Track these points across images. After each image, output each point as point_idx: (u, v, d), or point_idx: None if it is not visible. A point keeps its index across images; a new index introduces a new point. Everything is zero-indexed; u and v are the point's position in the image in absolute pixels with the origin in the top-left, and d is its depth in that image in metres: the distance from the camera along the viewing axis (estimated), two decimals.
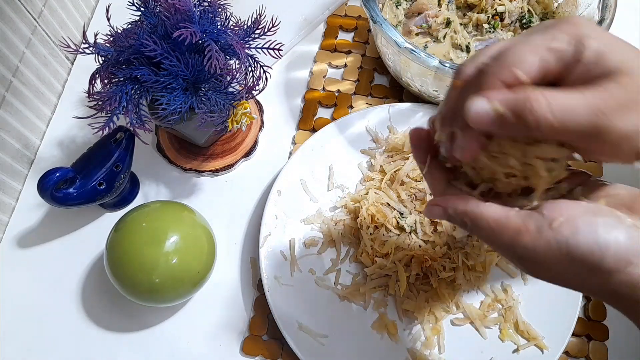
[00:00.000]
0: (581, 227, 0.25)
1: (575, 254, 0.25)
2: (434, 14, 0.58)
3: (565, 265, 0.25)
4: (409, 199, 0.52)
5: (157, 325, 0.51)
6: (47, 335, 0.50)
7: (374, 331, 0.48)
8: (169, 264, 0.44)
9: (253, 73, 0.46)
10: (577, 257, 0.25)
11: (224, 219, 0.54)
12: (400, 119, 0.56)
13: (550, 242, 0.25)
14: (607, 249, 0.24)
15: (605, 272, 0.25)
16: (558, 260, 0.25)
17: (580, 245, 0.25)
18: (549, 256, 0.26)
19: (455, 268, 0.49)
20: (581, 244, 0.25)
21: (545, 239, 0.25)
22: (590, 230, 0.25)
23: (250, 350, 0.49)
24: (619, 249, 0.24)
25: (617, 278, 0.25)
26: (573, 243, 0.25)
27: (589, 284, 0.26)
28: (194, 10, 0.43)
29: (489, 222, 0.27)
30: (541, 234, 0.26)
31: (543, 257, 0.26)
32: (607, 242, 0.24)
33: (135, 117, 0.44)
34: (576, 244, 0.25)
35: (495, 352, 0.47)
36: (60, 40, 0.59)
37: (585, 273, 0.25)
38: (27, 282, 0.52)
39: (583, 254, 0.25)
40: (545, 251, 0.25)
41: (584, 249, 0.25)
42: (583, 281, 0.26)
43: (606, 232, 0.24)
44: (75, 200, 0.48)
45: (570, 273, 0.26)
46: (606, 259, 0.24)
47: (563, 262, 0.25)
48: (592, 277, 0.25)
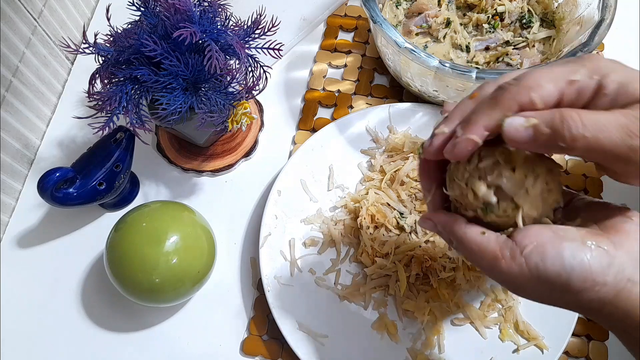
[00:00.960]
0: (548, 253, 0.27)
1: (545, 277, 0.27)
2: (434, 14, 0.58)
3: (538, 287, 0.28)
4: (409, 199, 0.52)
5: (157, 325, 0.51)
6: (47, 335, 0.50)
7: (374, 331, 0.48)
8: (169, 264, 0.44)
9: (253, 73, 0.46)
10: (547, 280, 0.27)
11: (224, 219, 0.54)
12: (400, 119, 0.56)
13: (523, 267, 0.27)
14: (573, 272, 0.26)
15: (573, 291, 0.27)
16: (532, 283, 0.28)
17: (548, 269, 0.27)
18: (523, 280, 0.28)
19: (455, 268, 0.49)
20: (549, 268, 0.27)
21: (518, 265, 0.28)
22: (557, 255, 0.27)
23: (250, 350, 0.49)
24: (583, 271, 0.26)
25: (586, 296, 0.27)
26: (542, 268, 0.27)
27: (562, 302, 0.28)
28: (194, 10, 0.43)
29: (471, 245, 0.30)
30: (514, 260, 0.28)
31: (518, 281, 0.28)
32: (572, 265, 0.26)
33: (135, 117, 0.44)
34: (544, 269, 0.27)
35: (495, 352, 0.47)
36: (60, 40, 0.59)
37: (556, 293, 0.27)
38: (27, 282, 0.52)
39: (551, 278, 0.27)
40: (519, 276, 0.28)
41: (552, 273, 0.27)
42: (557, 300, 0.28)
43: (571, 257, 0.26)
44: (75, 200, 0.48)
45: (544, 293, 0.28)
46: (572, 280, 0.26)
47: (536, 285, 0.28)
48: (564, 296, 0.27)
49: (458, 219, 0.31)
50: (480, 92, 0.30)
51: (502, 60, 0.57)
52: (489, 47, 0.57)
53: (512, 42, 0.57)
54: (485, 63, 0.57)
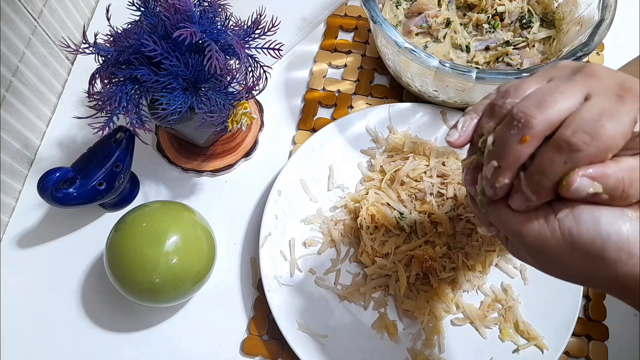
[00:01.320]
0: (584, 218, 0.26)
1: (579, 242, 0.26)
2: (434, 14, 0.58)
3: (569, 255, 0.26)
4: (409, 199, 0.52)
5: (157, 325, 0.51)
6: (47, 335, 0.50)
7: (374, 331, 0.48)
8: (169, 264, 0.44)
9: (253, 73, 0.46)
10: (580, 247, 0.26)
11: (224, 219, 0.54)
12: (400, 119, 0.56)
13: (555, 231, 0.26)
14: (609, 240, 0.25)
15: (608, 262, 0.25)
16: (563, 250, 0.26)
17: (582, 235, 0.26)
18: (554, 245, 0.27)
19: (455, 268, 0.49)
20: (583, 233, 0.26)
21: (551, 228, 0.26)
22: (593, 221, 0.25)
23: (250, 350, 0.49)
24: (620, 240, 0.25)
25: (619, 269, 0.25)
26: (575, 232, 0.26)
27: (592, 275, 0.27)
28: (194, 10, 0.43)
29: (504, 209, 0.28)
30: (547, 223, 0.27)
31: (549, 247, 0.27)
32: (608, 233, 0.25)
33: (135, 117, 0.44)
34: (578, 234, 0.26)
35: (495, 352, 0.47)
36: (60, 40, 0.59)
37: (588, 263, 0.26)
38: (27, 282, 0.52)
39: (586, 243, 0.26)
40: (550, 240, 0.27)
41: (586, 238, 0.25)
42: (587, 272, 0.27)
43: (608, 224, 0.25)
44: (75, 200, 0.48)
45: (574, 263, 0.27)
46: (607, 249, 0.25)
47: (567, 252, 0.26)
48: (594, 268, 0.26)
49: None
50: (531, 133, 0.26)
51: (502, 60, 0.57)
52: (489, 47, 0.57)
53: (512, 42, 0.57)
54: (485, 63, 0.57)
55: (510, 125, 0.27)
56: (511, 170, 0.27)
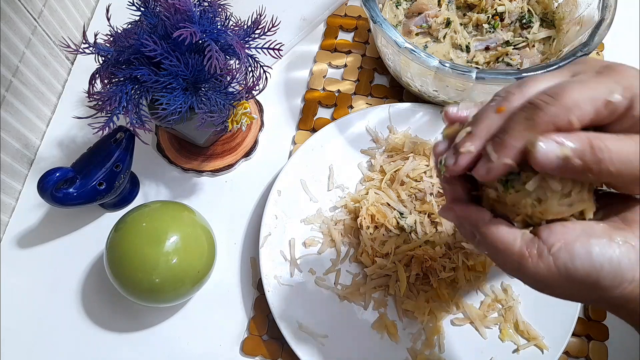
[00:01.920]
0: (577, 251, 0.26)
1: (574, 277, 0.27)
2: (434, 14, 0.58)
3: (566, 285, 0.27)
4: (409, 199, 0.52)
5: (157, 325, 0.51)
6: (47, 335, 0.50)
7: (374, 331, 0.48)
8: (169, 264, 0.44)
9: (253, 73, 0.46)
10: (576, 279, 0.27)
11: (224, 219, 0.54)
12: (400, 119, 0.56)
13: (551, 266, 0.27)
14: (602, 270, 0.26)
15: (603, 289, 0.27)
16: (559, 282, 0.27)
17: (577, 269, 0.26)
18: (551, 279, 0.27)
19: (455, 268, 0.49)
20: (578, 267, 0.26)
21: (546, 264, 0.27)
22: (586, 252, 0.26)
23: (250, 350, 0.49)
24: (612, 268, 0.26)
25: (613, 294, 0.27)
26: (571, 267, 0.27)
27: (590, 299, 0.28)
28: (194, 10, 0.43)
29: (497, 243, 0.29)
30: (542, 259, 0.27)
31: (545, 280, 0.28)
32: (601, 264, 0.26)
33: (135, 117, 0.44)
34: (574, 268, 0.26)
35: (495, 352, 0.47)
36: (60, 40, 0.59)
37: (585, 291, 0.27)
38: (27, 282, 0.52)
39: (581, 277, 0.27)
40: (547, 274, 0.27)
41: (581, 272, 0.26)
42: (584, 297, 0.28)
43: (600, 254, 0.26)
44: (75, 200, 0.48)
45: (571, 292, 0.28)
46: (602, 279, 0.26)
47: (564, 283, 0.27)
48: (592, 294, 0.27)
49: (482, 211, 0.30)
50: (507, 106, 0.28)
51: (502, 60, 0.57)
52: (489, 47, 0.57)
53: (512, 42, 0.57)
54: (485, 63, 0.57)
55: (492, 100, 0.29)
56: (480, 139, 0.28)
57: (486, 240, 0.29)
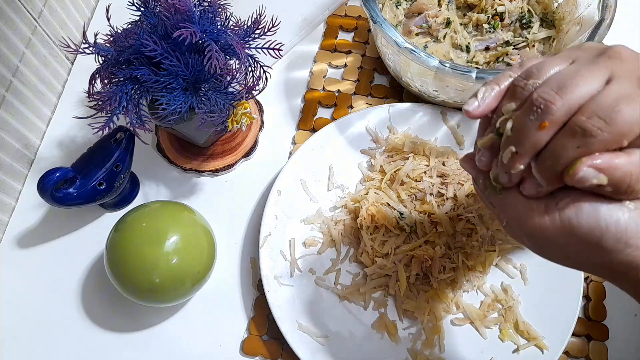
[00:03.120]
0: (584, 208, 0.26)
1: (578, 232, 0.26)
2: (434, 14, 0.58)
3: (568, 243, 0.27)
4: (409, 199, 0.52)
5: (157, 325, 0.51)
6: (47, 335, 0.50)
7: (374, 331, 0.48)
8: (169, 264, 0.44)
9: (253, 73, 0.46)
10: (579, 235, 0.26)
11: (224, 219, 0.54)
12: (400, 119, 0.56)
13: (556, 219, 0.27)
14: (607, 230, 0.26)
15: (605, 251, 0.26)
16: (562, 238, 0.27)
17: (582, 224, 0.26)
18: (554, 233, 0.27)
19: (455, 268, 0.49)
20: (583, 223, 0.26)
21: (551, 217, 0.27)
22: (593, 211, 0.26)
23: (250, 350, 0.49)
24: (618, 231, 0.26)
25: (616, 258, 0.26)
26: (575, 222, 0.26)
27: (590, 262, 0.28)
28: (194, 10, 0.43)
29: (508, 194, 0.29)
30: (548, 212, 0.27)
31: (549, 234, 0.27)
32: (607, 223, 0.26)
33: (135, 117, 0.44)
34: (578, 223, 0.26)
35: (495, 352, 0.47)
36: (60, 40, 0.59)
37: (586, 251, 0.27)
38: (27, 282, 0.52)
39: (584, 233, 0.26)
40: (551, 228, 0.27)
41: (585, 228, 0.26)
42: (585, 258, 0.28)
43: (607, 214, 0.26)
44: (75, 200, 0.48)
45: (573, 250, 0.27)
46: (605, 239, 0.26)
47: (566, 240, 0.27)
48: (592, 255, 0.27)
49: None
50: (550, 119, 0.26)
51: (502, 60, 0.57)
52: (489, 47, 0.57)
53: (512, 42, 0.57)
54: (485, 63, 0.57)
55: (529, 110, 0.27)
56: (528, 156, 0.27)
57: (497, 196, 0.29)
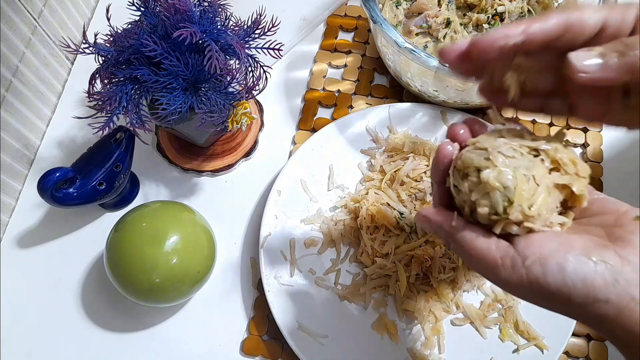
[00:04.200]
0: (550, 267, 0.26)
1: (546, 290, 0.26)
2: (434, 14, 0.58)
3: (538, 298, 0.28)
4: (409, 199, 0.52)
5: (157, 325, 0.51)
6: (47, 335, 0.50)
7: (374, 331, 0.48)
8: (169, 264, 0.44)
9: (253, 73, 0.46)
10: (547, 293, 0.27)
11: (224, 219, 0.54)
12: (400, 119, 0.56)
13: (523, 278, 0.27)
14: (575, 288, 0.26)
15: (575, 306, 0.26)
16: (531, 294, 0.27)
17: (549, 283, 0.26)
18: (523, 289, 0.27)
19: (455, 268, 0.49)
20: (550, 283, 0.26)
21: (518, 275, 0.27)
22: (559, 270, 0.26)
23: (250, 350, 0.49)
24: (585, 287, 0.26)
25: (586, 311, 0.26)
26: (543, 282, 0.26)
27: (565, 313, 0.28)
28: (194, 10, 0.43)
29: (471, 251, 0.29)
30: (515, 270, 0.27)
31: (517, 289, 0.28)
32: (573, 282, 0.26)
33: (135, 117, 0.44)
34: (545, 283, 0.26)
35: (495, 352, 0.47)
36: (60, 40, 0.59)
37: (556, 305, 0.27)
38: (27, 282, 0.52)
39: (552, 291, 0.26)
40: (519, 285, 0.27)
41: (553, 287, 0.26)
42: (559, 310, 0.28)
43: (574, 272, 0.26)
44: (75, 200, 0.48)
45: (543, 303, 0.28)
46: (573, 296, 0.26)
47: (536, 295, 0.27)
48: (564, 308, 0.27)
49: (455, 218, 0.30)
50: None
51: None
52: None
53: None
54: None
55: None
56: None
57: (461, 248, 0.29)
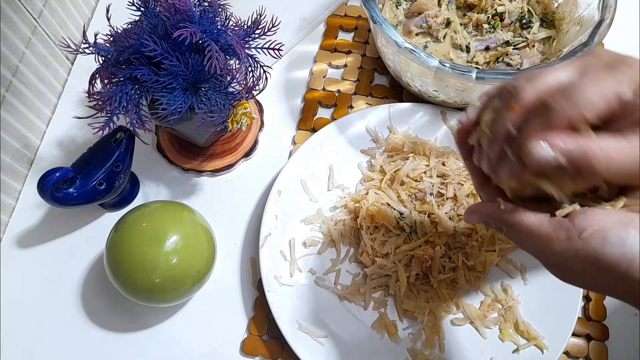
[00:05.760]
0: (610, 239, 0.25)
1: (603, 264, 0.26)
2: (434, 14, 0.58)
3: (593, 273, 0.26)
4: (409, 199, 0.52)
5: (157, 325, 0.51)
6: (47, 335, 0.50)
7: (374, 331, 0.48)
8: (169, 264, 0.44)
9: (253, 73, 0.46)
10: (605, 267, 0.26)
11: (224, 219, 0.54)
12: (400, 119, 0.56)
13: (579, 251, 0.26)
14: (634, 261, 0.25)
15: (632, 281, 0.25)
16: (585, 268, 0.26)
17: (607, 256, 0.25)
18: (578, 264, 0.26)
19: (455, 268, 0.49)
20: (608, 255, 0.25)
21: (574, 248, 0.26)
22: (619, 242, 0.25)
23: (250, 350, 0.49)
24: None
25: None
26: (601, 254, 0.25)
27: (616, 291, 0.27)
28: (194, 10, 0.43)
29: (523, 229, 0.28)
30: (570, 243, 0.26)
31: (572, 265, 0.27)
32: (634, 255, 0.25)
33: (135, 117, 0.44)
34: (604, 255, 0.25)
35: (495, 352, 0.47)
36: (60, 40, 0.59)
37: (613, 281, 0.26)
38: (27, 282, 0.52)
39: (610, 265, 0.25)
40: (574, 259, 0.26)
41: (611, 260, 0.25)
42: (611, 287, 0.27)
43: (635, 244, 0.25)
44: (75, 200, 0.48)
45: (598, 280, 0.27)
46: (632, 270, 0.25)
47: (591, 270, 0.26)
48: (619, 284, 0.26)
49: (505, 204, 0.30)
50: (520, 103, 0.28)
51: (502, 60, 0.57)
52: (489, 47, 0.57)
53: (512, 42, 0.57)
54: (485, 63, 0.57)
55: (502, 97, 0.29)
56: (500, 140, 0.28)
57: (514, 229, 0.29)
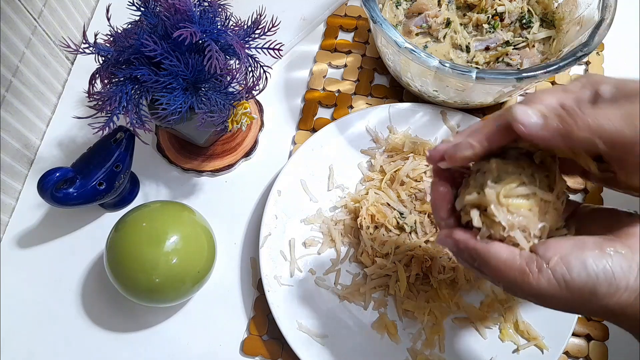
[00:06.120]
0: (573, 263, 0.28)
1: (573, 287, 0.28)
2: (434, 14, 0.58)
3: (566, 297, 0.29)
4: (409, 199, 0.52)
5: (157, 325, 0.51)
6: (47, 335, 0.50)
7: (374, 331, 0.48)
8: (169, 264, 0.44)
9: (253, 73, 0.46)
10: (575, 290, 0.28)
11: (224, 219, 0.54)
12: (400, 119, 0.56)
13: (551, 279, 0.28)
14: (598, 279, 0.28)
15: (600, 297, 0.28)
16: (560, 294, 0.29)
17: (574, 280, 0.28)
18: (552, 292, 0.29)
19: (455, 268, 0.49)
20: (575, 278, 0.28)
21: (546, 278, 0.28)
22: (581, 265, 0.28)
23: (250, 350, 0.49)
24: (607, 277, 0.27)
25: (610, 301, 0.28)
26: (569, 279, 0.28)
27: (589, 309, 0.29)
28: (194, 10, 0.43)
29: (498, 262, 0.30)
30: (542, 273, 0.29)
31: (547, 293, 0.29)
32: (596, 273, 0.28)
33: (135, 117, 0.44)
34: (571, 279, 0.28)
35: (495, 352, 0.47)
36: (60, 40, 0.59)
37: (584, 300, 0.29)
38: (27, 282, 0.52)
39: (579, 287, 0.28)
40: (548, 288, 0.29)
41: (578, 282, 0.28)
42: (584, 307, 0.29)
43: (594, 265, 0.28)
44: (75, 200, 0.48)
45: (571, 302, 0.29)
46: (598, 287, 0.28)
47: (564, 294, 0.29)
48: (590, 304, 0.29)
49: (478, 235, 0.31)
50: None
51: (502, 60, 0.57)
52: (489, 47, 0.57)
53: (512, 42, 0.57)
54: (485, 63, 0.57)
55: None
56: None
57: (487, 262, 0.30)
